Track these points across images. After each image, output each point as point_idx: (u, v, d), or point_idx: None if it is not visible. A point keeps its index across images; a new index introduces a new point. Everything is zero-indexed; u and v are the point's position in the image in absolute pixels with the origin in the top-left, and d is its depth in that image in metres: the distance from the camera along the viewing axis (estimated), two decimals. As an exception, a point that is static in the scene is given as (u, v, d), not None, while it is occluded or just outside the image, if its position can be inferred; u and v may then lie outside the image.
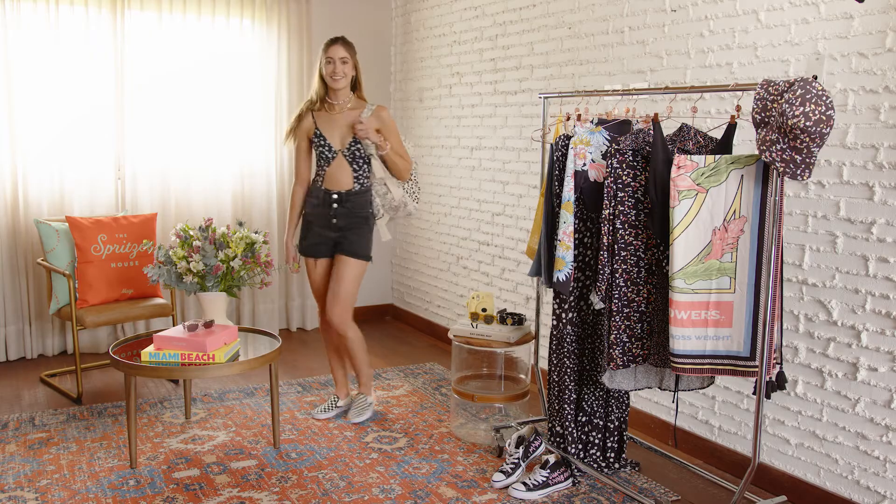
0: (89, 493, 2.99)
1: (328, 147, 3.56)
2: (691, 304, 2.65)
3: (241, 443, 3.49)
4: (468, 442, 3.53)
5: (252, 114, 5.19)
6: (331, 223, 3.59)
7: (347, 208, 3.58)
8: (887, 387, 2.66)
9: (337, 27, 5.49)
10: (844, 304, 2.78)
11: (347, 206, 3.57)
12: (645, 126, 2.90)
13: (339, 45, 3.51)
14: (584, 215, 3.01)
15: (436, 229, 5.33)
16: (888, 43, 2.59)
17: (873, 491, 2.72)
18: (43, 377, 4.36)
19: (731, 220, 2.61)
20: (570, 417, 3.16)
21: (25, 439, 3.50)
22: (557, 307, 3.13)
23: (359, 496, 3.00)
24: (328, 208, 3.58)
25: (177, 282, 3.50)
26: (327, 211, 3.58)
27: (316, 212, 3.63)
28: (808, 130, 2.31)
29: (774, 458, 3.06)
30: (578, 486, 3.09)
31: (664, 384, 3.01)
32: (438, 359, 4.87)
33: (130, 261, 4.25)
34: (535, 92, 4.23)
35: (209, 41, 5.01)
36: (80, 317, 4.02)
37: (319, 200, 3.60)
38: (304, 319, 5.58)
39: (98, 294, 4.14)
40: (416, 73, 5.49)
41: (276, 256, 5.30)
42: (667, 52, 3.41)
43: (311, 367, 4.66)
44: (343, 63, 3.50)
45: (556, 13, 4.08)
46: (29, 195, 4.63)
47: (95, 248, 4.15)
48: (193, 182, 5.05)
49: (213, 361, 3.12)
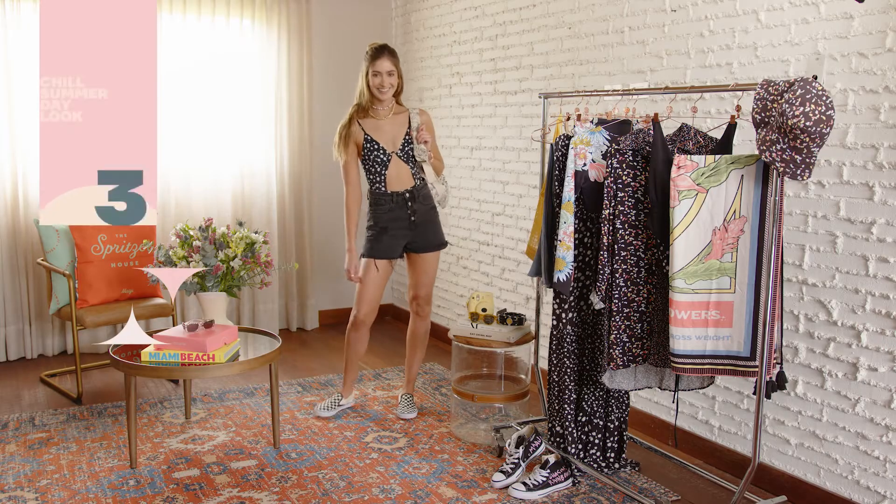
0: (89, 493, 2.99)
1: (382, 150, 3.60)
2: (691, 304, 2.65)
3: (241, 443, 3.49)
4: (468, 442, 3.53)
5: (252, 114, 5.19)
6: (410, 222, 3.65)
7: (421, 202, 3.66)
8: (887, 387, 2.66)
9: (337, 27, 5.50)
10: (844, 304, 2.78)
11: (420, 200, 3.66)
12: (645, 126, 2.89)
13: (386, 59, 3.53)
14: (584, 215, 3.01)
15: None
16: (888, 43, 2.59)
17: (873, 491, 2.72)
18: (43, 377, 4.36)
19: (731, 220, 2.61)
20: (570, 417, 3.16)
21: (25, 439, 3.50)
22: (557, 307, 3.13)
23: (359, 496, 3.00)
24: (404, 209, 3.63)
25: (177, 282, 3.50)
26: (404, 212, 3.63)
27: (392, 216, 3.64)
28: (808, 130, 2.31)
29: (774, 458, 3.06)
30: (578, 486, 3.09)
31: (664, 384, 3.01)
32: (438, 359, 4.87)
33: (130, 261, 4.25)
34: (535, 92, 4.23)
35: (209, 41, 5.01)
36: (80, 317, 4.02)
37: (394, 203, 3.63)
38: (304, 319, 5.58)
39: (98, 294, 4.14)
40: (416, 73, 5.49)
41: (276, 256, 5.31)
42: (667, 52, 3.41)
43: (311, 367, 4.66)
44: (390, 76, 3.55)
45: (556, 13, 4.08)
46: (29, 195, 4.63)
47: (95, 248, 4.15)
48: (193, 182, 5.05)
49: (213, 361, 3.12)
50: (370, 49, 3.58)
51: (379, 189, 3.65)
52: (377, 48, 3.56)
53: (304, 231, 5.46)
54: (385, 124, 3.64)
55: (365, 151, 3.63)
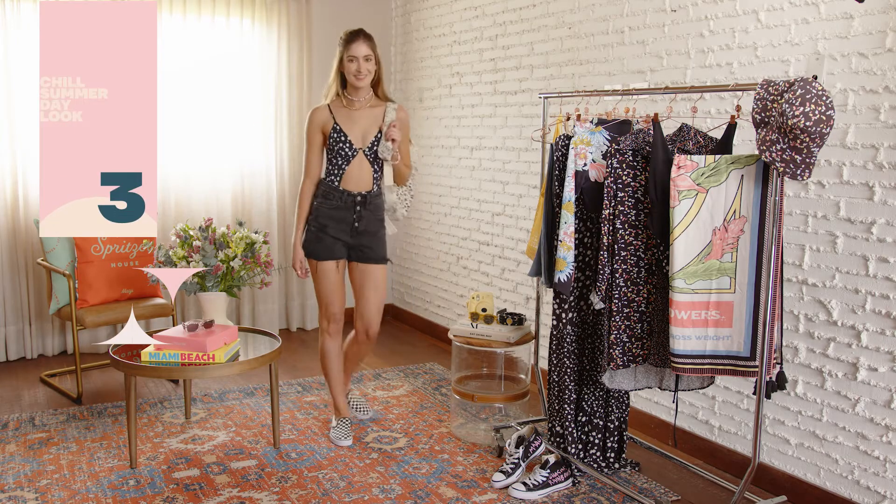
0: (89, 493, 2.99)
1: (349, 144, 3.34)
2: (691, 304, 2.65)
3: (241, 443, 3.49)
4: (468, 442, 3.53)
5: (252, 114, 5.19)
6: (352, 227, 3.38)
7: (370, 211, 3.39)
8: (887, 387, 2.66)
9: (337, 27, 5.44)
10: (844, 304, 2.78)
11: (370, 208, 3.39)
12: (645, 126, 2.90)
13: (362, 42, 3.28)
14: (584, 215, 3.01)
15: (436, 229, 5.33)
16: (888, 43, 2.59)
17: (873, 491, 2.72)
18: (43, 377, 4.36)
19: (731, 220, 2.61)
20: (570, 417, 3.16)
21: (25, 439, 3.50)
22: (557, 307, 3.13)
23: (359, 496, 3.00)
24: (350, 212, 3.36)
25: (177, 282, 3.50)
26: (349, 214, 3.37)
27: (334, 214, 3.37)
28: (808, 130, 2.31)
29: (774, 458, 3.06)
30: (578, 486, 3.09)
31: (664, 384, 3.01)
32: (438, 359, 4.87)
33: (130, 261, 4.25)
34: (535, 92, 4.23)
35: (209, 41, 5.00)
36: (80, 317, 4.03)
37: (340, 202, 3.36)
38: (304, 319, 5.58)
39: (98, 294, 4.14)
40: (416, 73, 5.49)
41: (276, 256, 5.31)
42: (667, 52, 3.41)
43: (311, 367, 4.66)
44: (367, 61, 3.29)
45: (556, 13, 4.08)
46: (29, 195, 4.63)
47: (95, 248, 4.15)
48: (193, 182, 5.05)
49: (213, 361, 3.12)
50: (344, 34, 3.33)
51: (332, 182, 3.36)
52: (352, 32, 3.31)
53: (304, 231, 5.46)
54: (359, 116, 3.36)
55: (331, 142, 3.35)
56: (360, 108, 3.38)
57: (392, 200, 3.48)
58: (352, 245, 3.42)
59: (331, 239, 3.39)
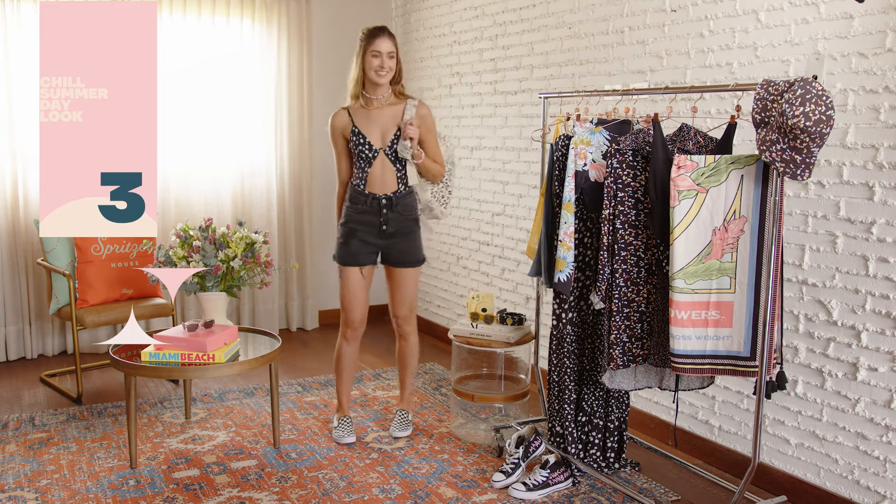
0: (89, 493, 2.99)
1: (368, 146, 3.31)
2: (691, 304, 2.65)
3: (241, 443, 3.49)
4: (468, 442, 3.53)
5: (252, 114, 5.19)
6: (381, 230, 3.36)
7: (398, 212, 3.36)
8: (887, 387, 2.66)
9: (337, 27, 5.50)
10: (844, 304, 2.78)
11: (398, 209, 3.36)
12: (645, 126, 2.90)
13: (387, 38, 3.25)
14: (584, 215, 3.01)
15: (435, 229, 5.33)
16: (888, 43, 2.59)
17: (873, 491, 2.72)
18: (43, 377, 4.36)
19: (731, 220, 2.61)
20: (570, 417, 3.16)
21: (25, 439, 3.50)
22: (557, 307, 3.13)
23: (359, 496, 3.00)
24: (377, 215, 3.34)
25: (177, 282, 3.50)
26: (376, 218, 3.35)
27: (362, 219, 3.36)
28: (808, 130, 2.31)
29: (774, 458, 3.06)
30: (578, 486, 3.09)
31: (664, 384, 3.01)
32: (438, 359, 4.87)
33: (130, 261, 4.25)
34: (535, 92, 4.23)
35: (209, 41, 5.01)
36: (80, 317, 4.03)
37: (366, 206, 3.34)
38: (304, 319, 5.58)
39: (98, 294, 4.14)
40: (416, 73, 5.50)
41: (276, 257, 5.31)
42: (667, 52, 3.41)
43: (311, 367, 4.66)
44: (390, 58, 3.26)
45: (556, 13, 4.08)
46: (29, 195, 4.63)
47: (95, 248, 4.15)
48: (193, 182, 5.05)
49: (213, 361, 3.12)
50: (366, 30, 3.29)
51: (357, 186, 3.36)
52: (376, 27, 3.28)
53: (303, 231, 5.46)
54: (378, 116, 3.33)
55: (351, 145, 3.34)
56: (380, 107, 3.35)
57: (426, 199, 3.47)
58: (382, 247, 3.41)
59: (359, 243, 3.38)
